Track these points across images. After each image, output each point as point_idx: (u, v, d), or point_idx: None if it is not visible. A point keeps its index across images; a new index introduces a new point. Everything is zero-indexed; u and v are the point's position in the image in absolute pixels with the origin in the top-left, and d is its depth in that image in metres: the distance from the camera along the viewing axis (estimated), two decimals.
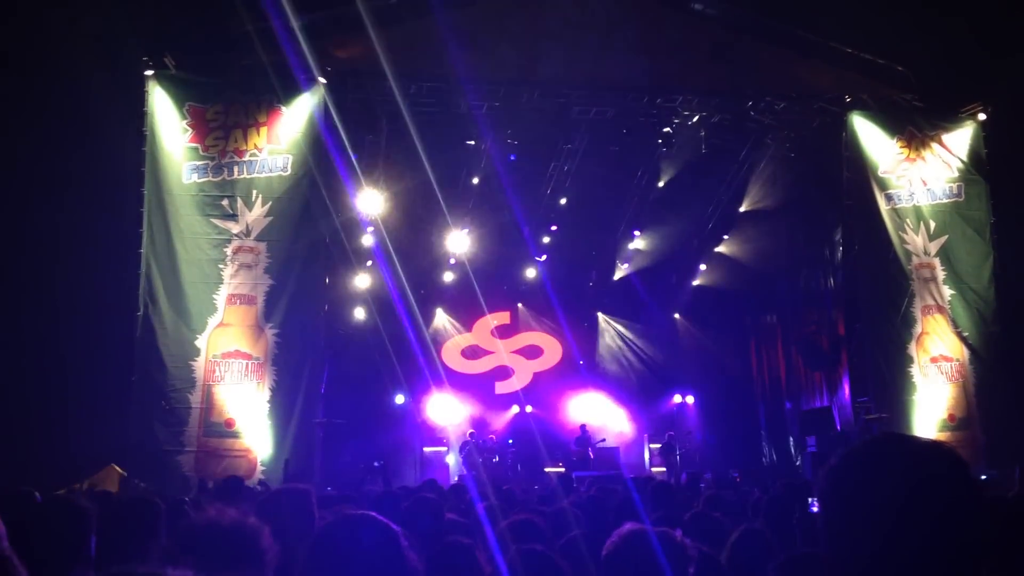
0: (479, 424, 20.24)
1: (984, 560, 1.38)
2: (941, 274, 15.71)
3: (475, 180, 17.84)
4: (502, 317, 22.11)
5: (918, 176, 15.94)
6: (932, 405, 15.16)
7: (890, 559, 1.37)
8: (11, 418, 13.55)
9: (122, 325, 12.98)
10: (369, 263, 18.08)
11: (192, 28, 14.00)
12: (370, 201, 16.69)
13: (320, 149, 13.64)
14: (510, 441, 20.06)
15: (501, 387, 21.78)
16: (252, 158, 13.43)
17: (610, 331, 22.78)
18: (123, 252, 13.26)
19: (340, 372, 16.43)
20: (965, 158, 16.08)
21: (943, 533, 1.36)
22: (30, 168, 14.56)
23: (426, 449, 18.95)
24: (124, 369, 12.68)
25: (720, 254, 20.71)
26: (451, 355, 21.82)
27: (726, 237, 20.29)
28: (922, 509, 1.37)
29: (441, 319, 21.86)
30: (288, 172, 13.46)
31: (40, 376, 14.28)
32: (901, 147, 15.98)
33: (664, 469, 18.83)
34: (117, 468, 13.06)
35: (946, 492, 1.40)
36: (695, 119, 16.62)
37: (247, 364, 12.92)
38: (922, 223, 15.80)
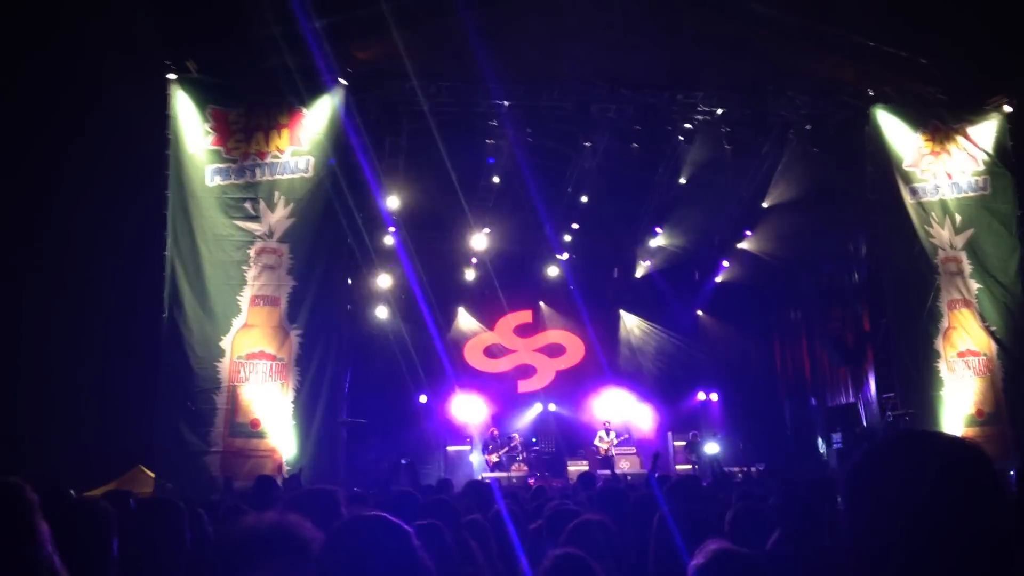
0: (502, 423, 20.24)
1: (1012, 558, 1.36)
2: (968, 268, 15.54)
3: (496, 179, 17.84)
4: (524, 316, 22.11)
5: (943, 169, 15.79)
6: (959, 400, 15.01)
7: (914, 556, 1.35)
8: (40, 421, 13.73)
9: (147, 327, 13.11)
10: (391, 263, 18.13)
11: (213, 31, 14.10)
12: (391, 201, 16.75)
13: (341, 150, 13.69)
14: (533, 439, 20.06)
15: (524, 385, 21.79)
16: (274, 160, 13.50)
17: (633, 329, 22.71)
18: (148, 255, 13.39)
19: (363, 372, 16.51)
20: (991, 151, 15.90)
21: (968, 530, 1.35)
22: (54, 172, 14.75)
23: (450, 448, 18.99)
24: (150, 371, 12.80)
25: (743, 250, 20.58)
26: (473, 354, 21.85)
27: (749, 233, 20.16)
28: (947, 506, 1.36)
29: (463, 318, 21.89)
30: (310, 174, 13.52)
31: (67, 379, 14.47)
32: (925, 140, 15.82)
33: (688, 467, 18.76)
34: (144, 469, 13.19)
35: (971, 489, 1.38)
36: (716, 115, 16.54)
37: (271, 365, 13.00)
38: (948, 217, 15.64)
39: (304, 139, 13.61)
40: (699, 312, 22.67)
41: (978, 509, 1.37)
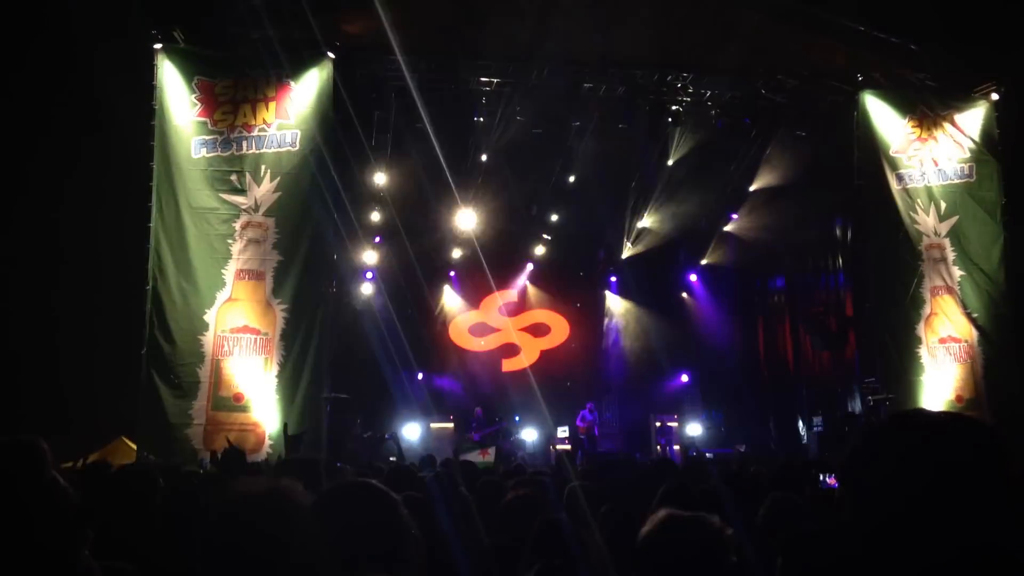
0: (485, 401, 20.28)
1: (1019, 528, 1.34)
2: (951, 255, 15.62)
3: (483, 157, 17.78)
4: (510, 295, 22.12)
5: (929, 156, 15.83)
6: (940, 386, 15.13)
7: (922, 536, 1.34)
8: (21, 390, 13.64)
9: (131, 299, 13.02)
10: (377, 239, 18.07)
11: (202, 1, 13.95)
12: (378, 177, 16.67)
13: (329, 124, 13.60)
14: (517, 418, 20.12)
15: (508, 364, 21.83)
16: (261, 133, 13.39)
17: (617, 309, 22.77)
18: (132, 226, 13.29)
19: (348, 348, 16.48)
20: (977, 138, 15.95)
21: (976, 506, 1.33)
22: (37, 141, 14.58)
23: (433, 425, 19.01)
24: (133, 343, 12.73)
25: (729, 233, 20.64)
26: (459, 332, 21.87)
27: (735, 216, 20.21)
28: (954, 483, 1.34)
29: (449, 296, 21.88)
30: (297, 148, 13.43)
31: (49, 349, 14.37)
32: (913, 127, 15.85)
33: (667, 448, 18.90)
34: (127, 441, 13.16)
35: (977, 463, 1.37)
36: (705, 97, 16.53)
37: (256, 339, 12.96)
38: (933, 203, 15.70)
39: (291, 112, 13.50)
40: (683, 294, 22.74)
41: (984, 482, 1.36)
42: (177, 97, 13.29)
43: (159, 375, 12.52)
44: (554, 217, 20.57)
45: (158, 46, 13.30)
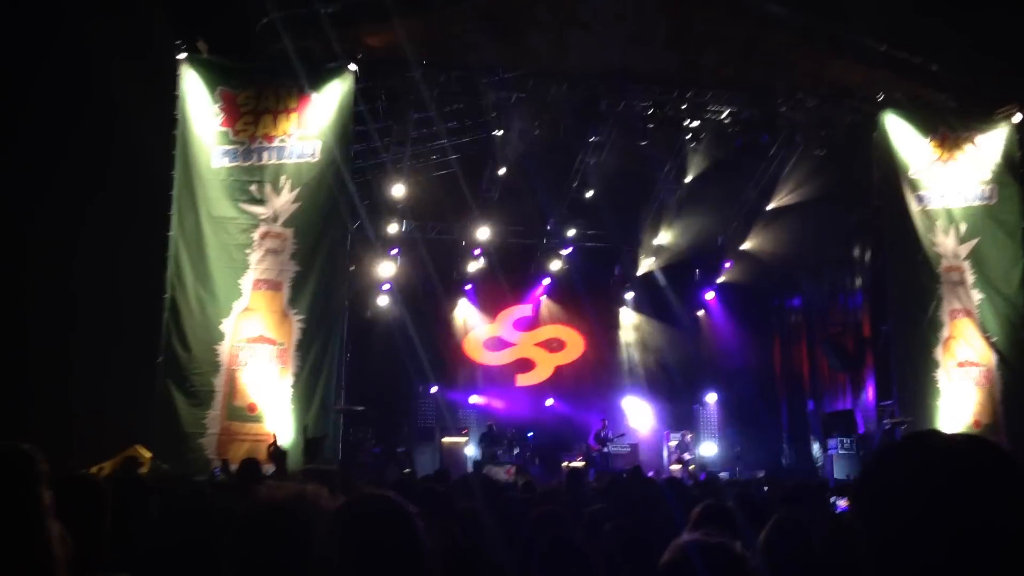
0: (499, 416, 20.24)
1: None
2: (970, 278, 15.50)
3: (501, 171, 17.82)
4: (525, 309, 22.09)
5: (950, 177, 15.74)
6: (957, 410, 14.98)
7: (936, 556, 1.32)
8: (36, 398, 13.73)
9: (149, 307, 13.09)
10: (394, 251, 18.12)
11: (225, 13, 14.07)
12: (397, 189, 16.74)
13: (349, 136, 13.67)
14: (530, 434, 20.06)
15: (523, 379, 21.77)
16: (282, 144, 13.46)
17: (633, 326, 22.70)
18: (151, 235, 13.37)
19: (363, 360, 16.51)
20: (998, 160, 15.84)
21: (992, 526, 1.31)
22: (61, 148, 14.72)
23: (445, 440, 18.97)
24: (149, 351, 12.79)
25: (746, 252, 20.57)
26: (473, 346, 21.84)
27: (753, 234, 20.14)
28: (969, 504, 1.33)
29: (464, 309, 21.87)
30: (317, 158, 13.49)
31: (66, 357, 14.47)
32: (934, 147, 15.77)
33: (679, 467, 18.78)
34: (141, 449, 13.20)
35: (992, 484, 1.35)
36: (725, 114, 16.51)
37: (272, 349, 12.98)
38: (953, 225, 15.60)
39: (312, 124, 13.56)
40: (700, 312, 22.66)
41: (1000, 504, 1.33)
42: (199, 107, 13.38)
43: (175, 384, 12.56)
44: (571, 232, 20.56)
45: (181, 56, 13.41)
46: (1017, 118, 15.95)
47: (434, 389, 20.04)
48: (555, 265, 21.29)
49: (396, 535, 2.05)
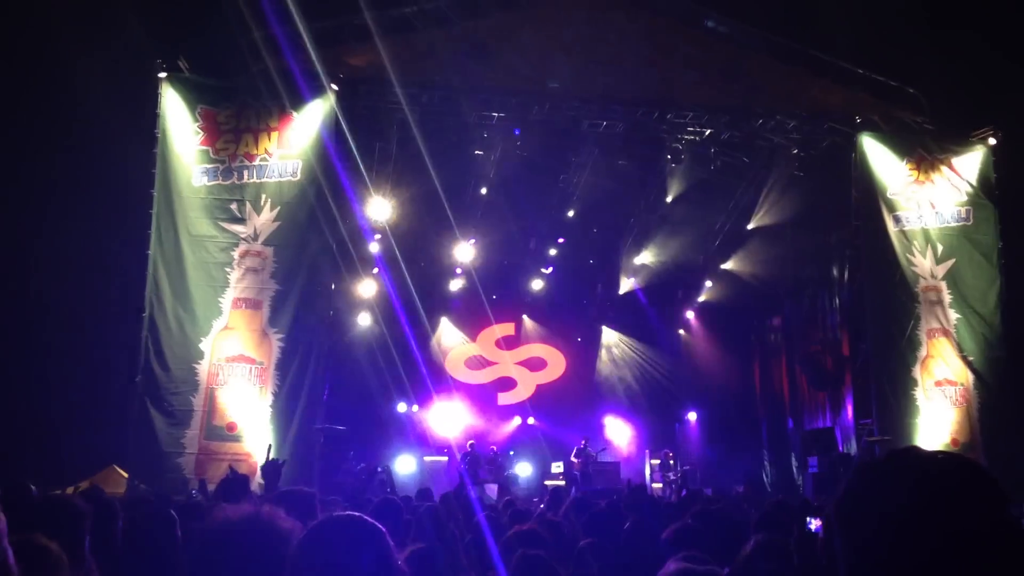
0: (481, 435, 20.19)
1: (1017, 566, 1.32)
2: (947, 297, 15.66)
3: (483, 190, 17.86)
4: (507, 328, 22.11)
5: (927, 199, 15.92)
6: (935, 429, 15.08)
7: (914, 573, 1.32)
8: (13, 417, 13.57)
9: (127, 326, 13.00)
10: (375, 270, 18.09)
11: (206, 32, 14.06)
12: (378, 208, 16.73)
13: (330, 155, 13.66)
14: (511, 452, 20.02)
15: (504, 398, 21.77)
16: (262, 163, 13.46)
17: (614, 345, 22.75)
18: (130, 253, 13.30)
19: (343, 379, 16.43)
20: (974, 182, 16.05)
21: (971, 545, 1.31)
22: (39, 166, 14.63)
23: (426, 458, 18.90)
24: (127, 370, 12.68)
25: (726, 271, 20.68)
26: (455, 364, 21.82)
27: (733, 254, 20.26)
28: (947, 521, 1.32)
29: (446, 328, 21.86)
30: (298, 178, 13.48)
31: (43, 376, 14.31)
32: (911, 169, 15.95)
33: (660, 485, 18.77)
34: (118, 469, 13.08)
35: (972, 502, 1.35)
36: (705, 135, 16.64)
37: (251, 368, 12.92)
38: (930, 246, 15.77)
39: (293, 143, 13.57)
40: (680, 331, 22.74)
41: (979, 522, 1.34)
42: (180, 125, 13.36)
43: (153, 403, 12.47)
44: (552, 251, 20.61)
45: (162, 75, 13.40)
46: (992, 141, 16.17)
47: (415, 408, 19.99)
48: (537, 284, 21.32)
49: (368, 554, 2.05)
